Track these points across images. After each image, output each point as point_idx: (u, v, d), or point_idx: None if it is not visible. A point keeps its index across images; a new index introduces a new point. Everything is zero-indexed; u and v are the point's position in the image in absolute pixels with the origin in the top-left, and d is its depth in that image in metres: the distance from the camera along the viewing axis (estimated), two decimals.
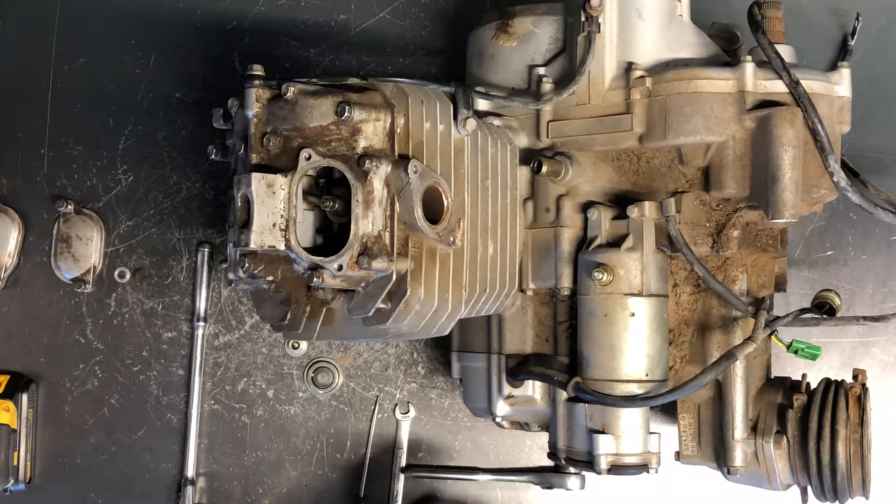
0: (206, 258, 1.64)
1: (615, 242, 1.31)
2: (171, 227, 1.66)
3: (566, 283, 1.34)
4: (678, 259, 1.34)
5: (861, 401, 1.32)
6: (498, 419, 1.43)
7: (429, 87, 1.23)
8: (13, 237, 1.63)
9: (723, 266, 1.35)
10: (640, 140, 1.30)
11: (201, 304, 1.64)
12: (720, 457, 1.37)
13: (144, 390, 1.65)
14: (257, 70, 1.17)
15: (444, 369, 1.64)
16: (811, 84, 1.25)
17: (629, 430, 1.30)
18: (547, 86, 1.34)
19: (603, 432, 1.30)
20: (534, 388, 1.40)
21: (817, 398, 1.33)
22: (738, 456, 1.35)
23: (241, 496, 1.65)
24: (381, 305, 1.15)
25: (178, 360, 1.65)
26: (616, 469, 1.30)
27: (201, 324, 1.64)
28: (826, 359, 1.55)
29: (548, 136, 1.35)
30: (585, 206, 1.34)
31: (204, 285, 1.64)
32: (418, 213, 1.14)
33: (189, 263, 1.66)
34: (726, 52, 1.35)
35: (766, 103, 1.25)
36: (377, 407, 1.65)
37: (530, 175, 1.37)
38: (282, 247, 1.12)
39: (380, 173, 1.13)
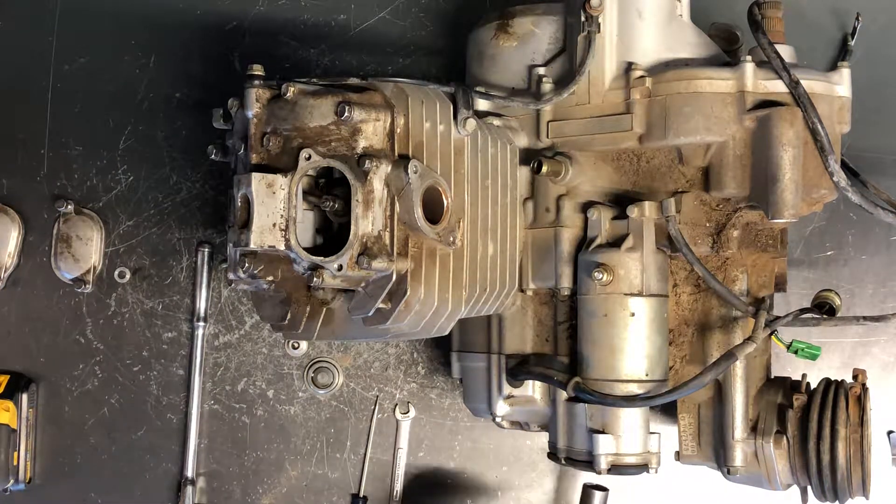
0: (206, 258, 1.64)
1: (615, 242, 1.31)
2: (171, 227, 1.66)
3: (566, 283, 1.34)
4: (678, 259, 1.34)
5: (861, 401, 1.32)
6: (498, 419, 1.43)
7: (429, 87, 1.23)
8: (13, 237, 1.63)
9: (723, 266, 1.35)
10: (640, 140, 1.30)
11: (201, 304, 1.64)
12: (720, 457, 1.37)
13: (144, 390, 1.65)
14: (257, 70, 1.17)
15: (444, 369, 1.64)
16: (811, 84, 1.25)
17: (629, 430, 1.30)
18: (547, 86, 1.34)
19: (603, 432, 1.30)
20: (534, 388, 1.40)
21: (817, 398, 1.33)
22: (738, 456, 1.35)
23: (241, 496, 1.65)
24: (381, 305, 1.15)
25: (178, 360, 1.65)
26: (616, 469, 1.30)
27: (201, 324, 1.64)
28: (826, 359, 1.55)
29: (548, 136, 1.35)
30: (585, 206, 1.34)
31: (204, 285, 1.64)
32: (418, 213, 1.14)
33: (189, 263, 1.66)
34: (726, 52, 1.35)
35: (766, 103, 1.25)
36: (377, 407, 1.65)
37: (530, 175, 1.37)
38: (282, 247, 1.12)
39: (380, 173, 1.13)
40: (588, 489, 1.49)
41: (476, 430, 1.64)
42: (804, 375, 1.37)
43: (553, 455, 1.38)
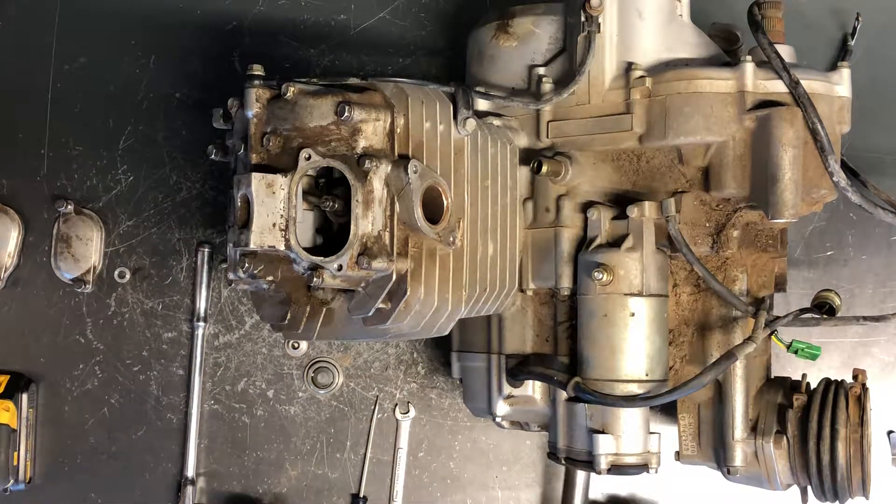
0: (206, 258, 1.64)
1: (615, 242, 1.31)
2: (171, 227, 1.66)
3: (566, 283, 1.34)
4: (678, 259, 1.34)
5: (861, 401, 1.32)
6: (498, 419, 1.43)
7: (429, 87, 1.23)
8: (13, 237, 1.63)
9: (723, 266, 1.35)
10: (640, 140, 1.30)
11: (201, 304, 1.64)
12: (720, 457, 1.37)
13: (144, 390, 1.65)
14: (257, 70, 1.17)
15: (444, 369, 1.64)
16: (811, 84, 1.25)
17: (629, 430, 1.30)
18: (547, 86, 1.34)
19: (603, 432, 1.30)
20: (534, 388, 1.40)
21: (817, 398, 1.33)
22: (738, 456, 1.35)
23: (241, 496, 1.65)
24: (381, 305, 1.15)
25: (178, 360, 1.65)
26: (616, 469, 1.30)
27: (201, 324, 1.64)
28: (826, 359, 1.55)
29: (548, 136, 1.35)
30: (585, 206, 1.34)
31: (204, 285, 1.64)
32: (418, 213, 1.14)
33: (189, 263, 1.66)
34: (726, 52, 1.35)
35: (766, 103, 1.25)
36: (377, 407, 1.65)
37: (530, 175, 1.37)
38: (282, 247, 1.12)
39: (380, 173, 1.13)
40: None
41: (476, 430, 1.64)
42: (804, 375, 1.37)
43: (553, 455, 1.38)
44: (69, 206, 1.62)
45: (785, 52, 1.27)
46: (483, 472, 1.64)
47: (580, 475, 1.49)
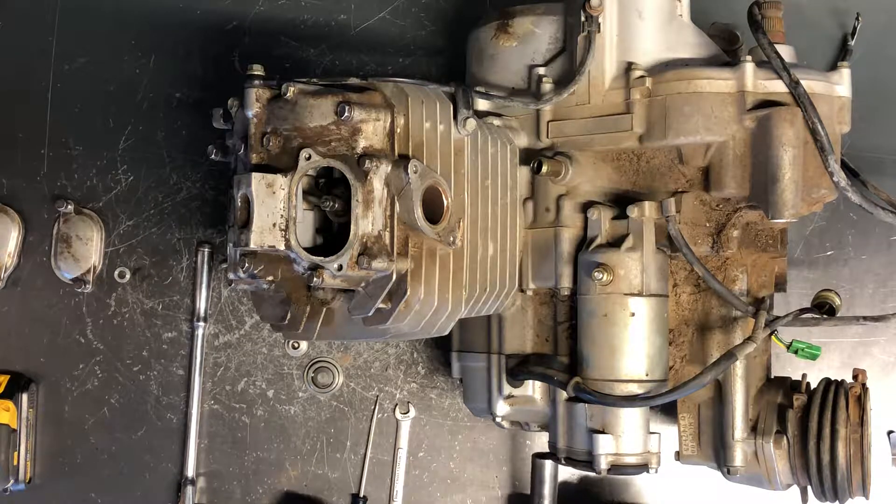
0: (206, 258, 1.64)
1: (615, 242, 1.31)
2: (171, 227, 1.66)
3: (566, 283, 1.34)
4: (678, 259, 1.34)
5: (861, 401, 1.32)
6: (498, 419, 1.43)
7: (429, 87, 1.23)
8: (13, 237, 1.63)
9: (723, 266, 1.35)
10: (640, 140, 1.30)
11: (201, 304, 1.64)
12: (720, 457, 1.37)
13: (144, 390, 1.65)
14: (257, 70, 1.17)
15: (444, 369, 1.64)
16: (811, 84, 1.25)
17: (629, 430, 1.30)
18: (547, 86, 1.34)
19: (603, 432, 1.30)
20: (534, 388, 1.40)
21: (817, 398, 1.33)
22: (738, 456, 1.35)
23: (241, 496, 1.65)
24: (381, 305, 1.15)
25: (178, 360, 1.65)
26: (616, 469, 1.30)
27: (201, 324, 1.64)
28: (826, 359, 1.55)
29: (548, 136, 1.35)
30: (585, 206, 1.34)
31: (204, 285, 1.64)
32: (418, 212, 1.14)
33: (189, 263, 1.66)
34: (726, 52, 1.35)
35: (766, 103, 1.25)
36: (377, 407, 1.65)
37: (530, 175, 1.37)
38: (282, 247, 1.12)
39: (380, 173, 1.13)
40: (536, 459, 1.50)
41: (476, 430, 1.64)
42: (804, 375, 1.37)
43: (553, 455, 1.38)
44: (69, 206, 1.62)
45: (785, 52, 1.27)
46: (483, 472, 1.64)
47: (547, 466, 1.50)
